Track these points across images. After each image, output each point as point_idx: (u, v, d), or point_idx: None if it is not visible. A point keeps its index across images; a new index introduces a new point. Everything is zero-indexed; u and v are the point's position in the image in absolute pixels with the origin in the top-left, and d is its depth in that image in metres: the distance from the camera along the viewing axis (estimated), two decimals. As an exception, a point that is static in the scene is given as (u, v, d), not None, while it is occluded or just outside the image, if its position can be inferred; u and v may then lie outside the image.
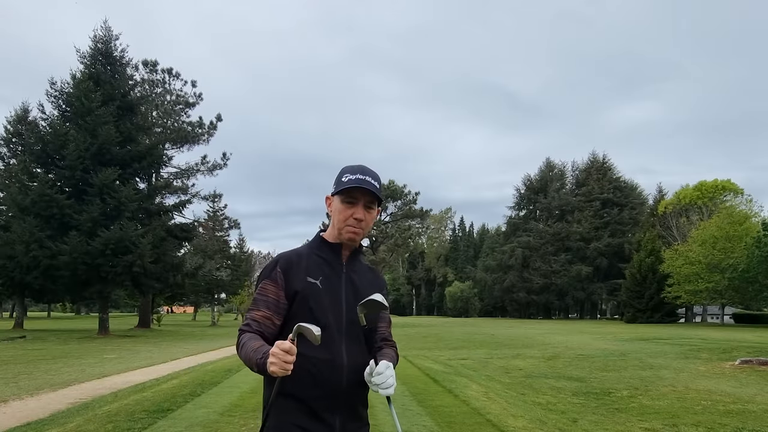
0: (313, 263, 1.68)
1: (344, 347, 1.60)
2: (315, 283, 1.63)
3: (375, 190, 1.65)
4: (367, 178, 1.65)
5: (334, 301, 1.63)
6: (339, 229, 1.69)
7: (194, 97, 37.69)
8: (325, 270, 1.68)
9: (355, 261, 1.76)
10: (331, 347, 1.58)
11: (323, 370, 1.55)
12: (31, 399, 7.50)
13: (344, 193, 1.66)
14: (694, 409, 6.73)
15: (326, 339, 1.53)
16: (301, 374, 1.51)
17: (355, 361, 1.60)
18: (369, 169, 1.71)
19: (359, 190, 1.64)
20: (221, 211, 47.02)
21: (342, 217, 1.67)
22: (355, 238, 1.68)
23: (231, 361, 12.52)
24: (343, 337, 1.61)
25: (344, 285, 1.68)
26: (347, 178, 1.65)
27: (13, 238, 21.87)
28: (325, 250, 1.72)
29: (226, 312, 64.52)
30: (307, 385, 1.55)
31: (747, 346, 15.21)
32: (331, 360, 1.56)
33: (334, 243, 1.71)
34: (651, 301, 44.51)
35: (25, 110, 31.29)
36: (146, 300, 34.54)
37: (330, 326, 1.58)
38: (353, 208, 1.66)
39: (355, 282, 1.70)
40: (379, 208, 1.78)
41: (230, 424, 5.47)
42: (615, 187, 67.56)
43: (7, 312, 58.56)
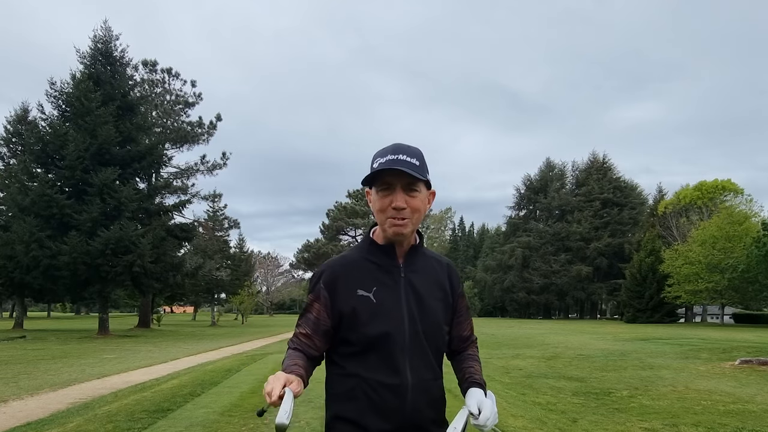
0: (364, 271, 1.44)
1: (408, 366, 1.38)
2: (368, 297, 1.40)
3: (412, 169, 1.36)
4: (400, 157, 1.37)
5: (393, 313, 1.40)
6: (381, 225, 1.44)
7: (194, 97, 37.74)
8: (379, 277, 1.43)
9: (415, 259, 1.49)
10: (392, 367, 1.37)
11: (384, 394, 1.36)
12: (31, 399, 7.50)
13: (376, 180, 1.40)
14: (694, 409, 6.73)
15: (387, 358, 1.37)
16: (359, 397, 1.37)
17: (422, 380, 1.40)
18: (403, 146, 1.42)
19: (392, 173, 1.36)
20: (221, 211, 47.06)
21: (380, 209, 1.41)
22: (401, 231, 1.40)
23: (231, 361, 12.53)
24: (407, 355, 1.39)
25: (404, 292, 1.43)
26: (377, 162, 1.40)
27: (13, 238, 21.87)
28: (376, 253, 1.47)
29: (226, 312, 64.47)
30: (365, 409, 1.37)
31: (747, 346, 15.21)
32: (393, 383, 1.36)
33: (385, 243, 1.46)
34: (651, 301, 44.51)
35: (25, 110, 31.29)
36: (146, 300, 34.55)
37: (389, 344, 1.38)
38: (390, 195, 1.39)
39: (417, 287, 1.45)
40: (432, 191, 1.49)
41: (230, 424, 5.46)
42: (615, 187, 67.54)
43: (7, 312, 58.56)
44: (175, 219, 30.10)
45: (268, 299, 79.92)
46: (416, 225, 1.44)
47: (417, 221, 1.44)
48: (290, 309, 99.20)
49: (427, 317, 1.43)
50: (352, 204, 52.62)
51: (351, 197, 54.19)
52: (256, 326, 40.03)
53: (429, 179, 1.43)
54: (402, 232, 1.40)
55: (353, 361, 1.41)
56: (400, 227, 1.39)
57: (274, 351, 15.36)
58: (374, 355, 1.38)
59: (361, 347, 1.39)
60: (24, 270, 22.38)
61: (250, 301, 47.46)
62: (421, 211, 1.43)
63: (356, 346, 1.40)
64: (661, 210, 53.22)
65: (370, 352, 1.38)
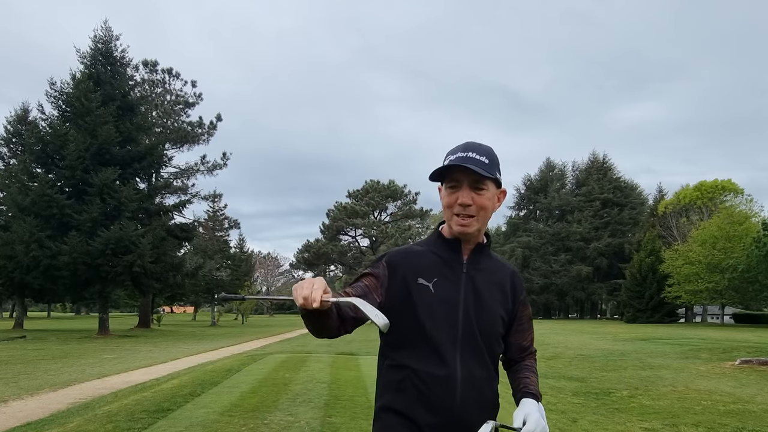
0: (428, 262, 1.45)
1: (459, 360, 1.37)
2: (427, 287, 1.40)
3: (480, 166, 1.36)
4: (469, 154, 1.38)
5: (450, 307, 1.40)
6: (448, 221, 1.45)
7: (194, 97, 37.77)
8: (442, 270, 1.44)
9: (480, 258, 1.49)
10: (443, 360, 1.37)
11: (433, 387, 1.35)
12: (31, 399, 7.50)
13: (445, 176, 1.43)
14: (694, 409, 6.73)
15: (438, 350, 1.37)
16: (408, 389, 1.37)
17: (472, 375, 1.38)
18: (474, 144, 1.43)
19: (459, 170, 1.38)
20: (221, 211, 47.09)
21: (447, 205, 1.43)
22: (466, 230, 1.41)
23: (231, 361, 12.53)
24: (458, 348, 1.38)
25: (463, 288, 1.43)
26: (448, 159, 1.41)
27: (13, 238, 21.87)
28: (442, 247, 1.48)
29: (226, 312, 64.46)
30: (414, 402, 1.36)
31: (747, 346, 15.20)
32: (442, 375, 1.35)
33: (452, 238, 1.47)
34: (651, 301, 44.50)
35: (25, 110, 31.32)
36: (146, 300, 34.56)
37: (442, 336, 1.38)
38: (457, 192, 1.40)
39: (477, 284, 1.44)
40: (502, 190, 1.49)
41: (230, 424, 5.46)
42: (615, 187, 67.52)
43: (7, 312, 58.56)
44: (175, 219, 30.17)
45: (268, 299, 79.75)
46: (483, 224, 1.45)
47: (484, 220, 1.44)
48: (290, 309, 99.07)
49: (484, 315, 1.42)
50: (352, 204, 52.58)
51: (351, 197, 54.17)
52: (256, 326, 40.05)
53: (499, 178, 1.43)
54: (467, 230, 1.41)
55: (404, 351, 1.40)
56: (465, 226, 1.41)
57: (274, 351, 15.36)
58: (426, 346, 1.37)
59: (413, 337, 1.38)
60: (24, 270, 22.39)
61: (250, 301, 47.45)
62: (488, 210, 1.43)
63: (408, 336, 1.38)
64: (661, 210, 53.20)
65: (422, 344, 1.37)
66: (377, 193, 52.39)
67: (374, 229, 51.72)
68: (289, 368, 10.51)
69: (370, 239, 53.00)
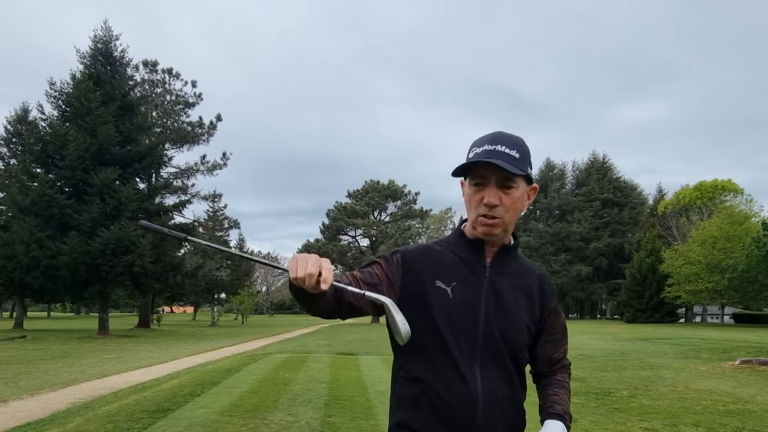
0: (447, 264, 1.31)
1: (479, 373, 1.24)
2: (445, 291, 1.27)
3: (509, 161, 1.21)
4: (497, 148, 1.22)
5: (469, 314, 1.26)
6: (472, 222, 1.31)
7: (194, 97, 37.78)
8: (462, 273, 1.30)
9: (506, 261, 1.35)
10: (461, 373, 1.23)
11: (451, 404, 1.22)
12: (31, 399, 7.50)
13: (469, 172, 1.27)
14: (694, 409, 6.73)
15: (456, 362, 1.24)
16: (423, 405, 1.24)
17: (494, 390, 1.25)
18: (504, 135, 1.27)
19: (486, 166, 1.22)
20: (221, 211, 47.15)
21: (471, 205, 1.29)
22: (491, 231, 1.27)
23: (231, 361, 12.52)
24: (478, 360, 1.25)
25: (485, 293, 1.29)
26: (473, 152, 1.26)
27: (13, 238, 21.88)
28: (463, 248, 1.34)
29: (226, 312, 64.47)
30: (430, 420, 1.24)
31: (747, 346, 15.20)
32: (461, 390, 1.23)
33: (475, 239, 1.32)
34: (651, 301, 44.51)
35: (25, 110, 31.33)
36: (146, 300, 34.56)
37: (461, 347, 1.25)
38: (483, 190, 1.25)
39: (501, 289, 1.30)
40: (533, 186, 1.34)
41: (230, 424, 5.46)
42: (615, 187, 67.53)
43: (7, 312, 58.56)
44: (175, 219, 30.16)
45: (268, 299, 79.96)
46: (510, 225, 1.31)
47: (511, 221, 1.30)
48: (290, 309, 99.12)
49: (508, 324, 1.28)
50: (352, 204, 52.59)
51: (351, 197, 54.17)
52: (256, 326, 40.04)
53: (530, 173, 1.28)
54: (492, 232, 1.27)
55: (419, 361, 1.28)
56: (491, 227, 1.27)
57: (274, 351, 15.36)
58: (442, 357, 1.25)
59: (429, 346, 1.26)
60: (24, 270, 22.39)
61: (250, 301, 47.49)
62: (518, 210, 1.29)
63: (423, 345, 1.26)
64: (661, 210, 53.21)
65: (438, 354, 1.25)
66: (377, 193, 52.40)
67: (374, 229, 51.72)
68: (289, 368, 10.51)
69: (370, 239, 52.99)
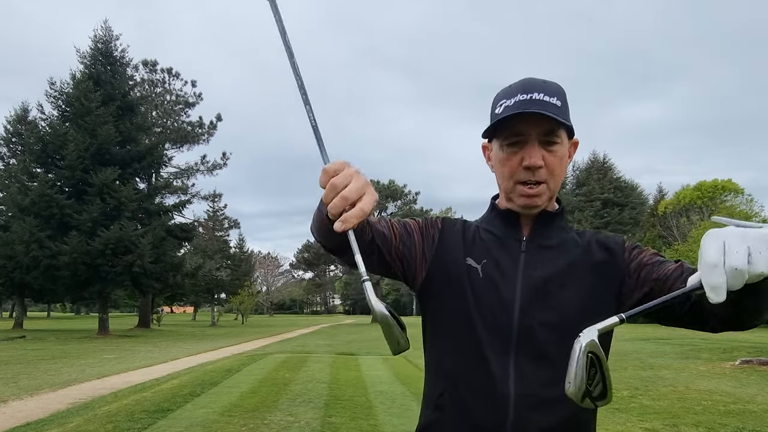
0: (478, 240, 1.11)
1: (512, 367, 1.02)
2: (475, 269, 1.07)
3: (554, 112, 1.00)
4: (535, 96, 1.01)
5: (501, 296, 1.05)
6: (506, 192, 1.10)
7: (194, 97, 37.77)
8: (493, 251, 1.09)
9: (549, 232, 1.11)
10: (491, 366, 1.02)
11: (477, 406, 1.02)
12: (31, 399, 7.49)
13: (502, 130, 1.05)
14: (695, 409, 6.72)
15: (483, 355, 1.03)
16: (447, 406, 1.06)
17: (532, 391, 1.00)
18: (536, 82, 1.05)
19: (524, 119, 1.01)
20: (221, 211, 47.12)
21: (506, 171, 1.07)
22: (534, 203, 1.06)
23: (231, 361, 12.52)
24: (512, 350, 1.03)
25: (521, 272, 1.06)
26: (503, 105, 1.04)
27: (13, 238, 21.88)
28: (496, 222, 1.14)
29: (226, 312, 64.46)
30: (452, 424, 1.05)
31: (747, 346, 15.19)
32: (488, 389, 1.02)
33: (508, 210, 1.12)
34: (651, 301, 44.54)
35: (25, 110, 31.32)
36: (146, 300, 34.53)
37: (490, 335, 1.04)
38: (520, 151, 1.03)
39: (542, 266, 1.07)
40: (574, 140, 1.12)
41: (230, 424, 5.46)
42: (615, 187, 67.50)
43: (6, 312, 58.56)
44: (175, 219, 30.15)
45: (268, 299, 79.90)
46: (555, 192, 1.10)
47: (556, 186, 1.09)
48: (290, 309, 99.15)
49: (551, 309, 1.04)
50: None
51: (351, 197, 54.16)
52: (256, 326, 40.02)
53: (572, 125, 1.06)
54: (536, 203, 1.06)
55: (445, 353, 1.09)
56: (533, 198, 1.05)
57: (274, 351, 15.35)
58: (469, 347, 1.05)
59: (455, 332, 1.07)
60: (24, 270, 22.39)
61: (250, 302, 47.46)
62: (563, 172, 1.08)
63: (451, 327, 1.08)
64: (662, 210, 53.20)
65: (465, 343, 1.06)
66: (377, 193, 52.40)
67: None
68: (289, 368, 10.50)
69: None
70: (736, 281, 0.70)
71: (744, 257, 0.69)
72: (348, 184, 0.83)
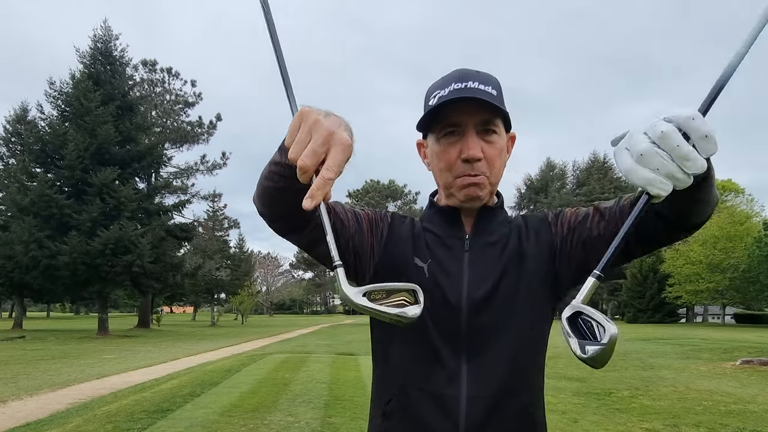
0: (423, 239, 1.07)
1: (464, 369, 0.98)
2: (422, 269, 1.02)
3: (490, 99, 0.95)
4: (470, 84, 0.96)
5: (448, 298, 1.00)
6: (446, 187, 1.05)
7: (194, 97, 37.79)
8: (437, 250, 1.04)
9: (490, 226, 1.06)
10: (441, 369, 0.98)
11: (427, 411, 0.97)
12: (31, 399, 7.48)
13: (437, 122, 1.01)
14: (695, 410, 6.71)
15: (432, 357, 0.99)
16: (395, 413, 1.00)
17: (483, 390, 0.97)
18: (470, 71, 1.00)
19: (460, 107, 0.96)
20: (221, 211, 47.13)
21: (443, 164, 1.02)
22: (475, 193, 1.01)
23: (231, 361, 12.51)
24: (463, 352, 0.99)
25: (467, 272, 1.02)
26: (437, 95, 0.99)
27: (12, 238, 21.86)
28: (435, 219, 1.09)
29: (225, 312, 64.49)
30: (404, 428, 1.00)
31: (748, 347, 15.19)
32: (440, 391, 0.97)
33: (447, 207, 1.07)
34: (652, 301, 44.52)
35: (24, 110, 31.25)
36: (146, 300, 34.53)
37: (439, 337, 0.99)
38: (458, 143, 0.99)
39: (486, 262, 1.04)
40: (512, 134, 1.08)
41: (230, 424, 5.45)
42: (616, 187, 67.59)
43: (6, 312, 58.58)
44: (174, 219, 30.13)
45: (268, 299, 79.90)
46: (495, 186, 1.06)
47: (496, 180, 1.04)
48: (290, 309, 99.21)
49: (499, 307, 1.00)
50: (352, 204, 52.59)
51: (351, 197, 54.23)
52: (256, 326, 40.02)
53: (508, 115, 1.02)
54: (477, 194, 1.01)
55: (394, 359, 1.04)
56: (475, 188, 1.00)
57: (273, 351, 15.34)
58: (420, 354, 1.00)
59: (403, 337, 1.02)
60: (23, 270, 22.37)
61: (250, 302, 47.46)
62: (502, 165, 1.05)
63: (396, 333, 1.03)
64: (662, 210, 53.26)
65: (415, 349, 1.01)
66: (377, 193, 52.48)
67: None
68: (289, 368, 10.49)
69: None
70: (651, 160, 0.69)
71: (645, 140, 0.70)
72: (307, 148, 0.71)
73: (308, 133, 0.71)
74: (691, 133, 0.70)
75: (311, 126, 0.72)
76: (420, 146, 1.12)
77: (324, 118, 0.72)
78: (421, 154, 1.13)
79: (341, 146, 0.71)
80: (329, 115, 0.75)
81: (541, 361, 1.08)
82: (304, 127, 0.72)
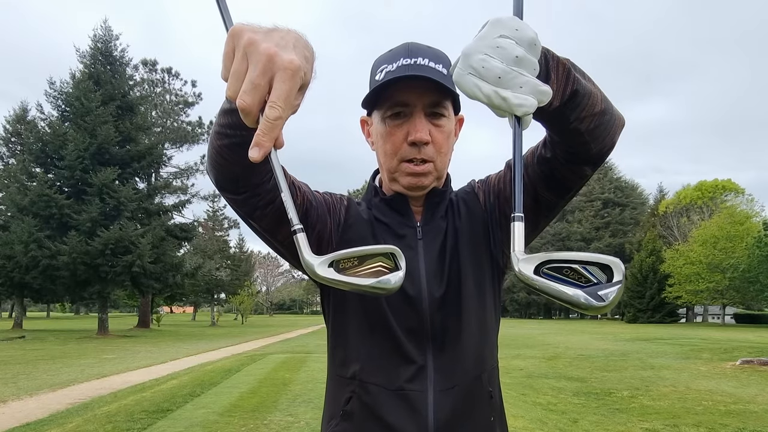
0: (376, 228, 0.99)
1: (431, 364, 0.93)
2: None
3: (441, 79, 0.88)
4: (420, 60, 0.89)
5: (407, 291, 0.93)
6: (390, 171, 0.97)
7: (194, 97, 37.79)
8: (389, 240, 0.96)
9: (439, 211, 1.01)
10: (405, 367, 0.92)
11: (392, 407, 0.91)
12: (31, 399, 7.48)
13: (384, 100, 0.93)
14: (695, 410, 6.71)
15: (396, 353, 0.93)
16: (356, 413, 0.93)
17: (449, 382, 0.93)
18: (421, 46, 0.93)
19: (407, 86, 0.89)
20: (221, 211, 47.09)
21: (389, 147, 0.94)
22: (420, 182, 0.95)
23: (231, 361, 12.51)
24: (428, 347, 0.93)
25: (423, 262, 0.96)
26: (384, 70, 0.91)
27: (12, 238, 21.87)
28: (382, 208, 1.01)
29: (225, 312, 64.54)
30: (365, 427, 0.93)
31: (748, 347, 15.19)
32: (408, 388, 0.91)
33: (395, 196, 1.00)
34: (652, 301, 44.55)
35: (24, 109, 31.27)
36: (146, 300, 34.52)
37: (401, 330, 0.93)
38: (405, 124, 0.92)
39: (443, 250, 0.99)
40: (460, 117, 1.01)
41: (230, 424, 5.45)
42: (616, 187, 67.67)
43: (6, 312, 58.60)
44: (174, 219, 30.13)
45: (268, 299, 79.98)
46: (442, 173, 0.99)
47: (443, 166, 0.97)
48: (290, 309, 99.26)
49: (460, 296, 0.95)
50: None
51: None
52: (256, 326, 40.02)
53: (459, 96, 0.94)
54: (422, 183, 0.95)
55: (353, 354, 0.96)
56: (420, 177, 0.94)
57: (273, 351, 15.35)
58: (381, 348, 0.94)
59: (363, 331, 0.96)
60: (23, 270, 22.37)
61: (250, 302, 47.47)
62: (450, 150, 0.98)
63: (355, 328, 0.97)
64: (662, 210, 53.22)
65: (376, 343, 0.94)
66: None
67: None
68: (289, 368, 10.49)
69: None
70: (514, 80, 0.65)
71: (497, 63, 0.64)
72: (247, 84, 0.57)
73: (244, 60, 0.57)
74: (521, 43, 0.66)
75: (245, 49, 0.57)
76: (364, 123, 1.04)
77: (263, 36, 0.57)
78: (364, 132, 1.04)
79: (286, 71, 0.56)
80: (272, 31, 0.60)
81: (495, 337, 1.03)
82: (238, 52, 0.57)
